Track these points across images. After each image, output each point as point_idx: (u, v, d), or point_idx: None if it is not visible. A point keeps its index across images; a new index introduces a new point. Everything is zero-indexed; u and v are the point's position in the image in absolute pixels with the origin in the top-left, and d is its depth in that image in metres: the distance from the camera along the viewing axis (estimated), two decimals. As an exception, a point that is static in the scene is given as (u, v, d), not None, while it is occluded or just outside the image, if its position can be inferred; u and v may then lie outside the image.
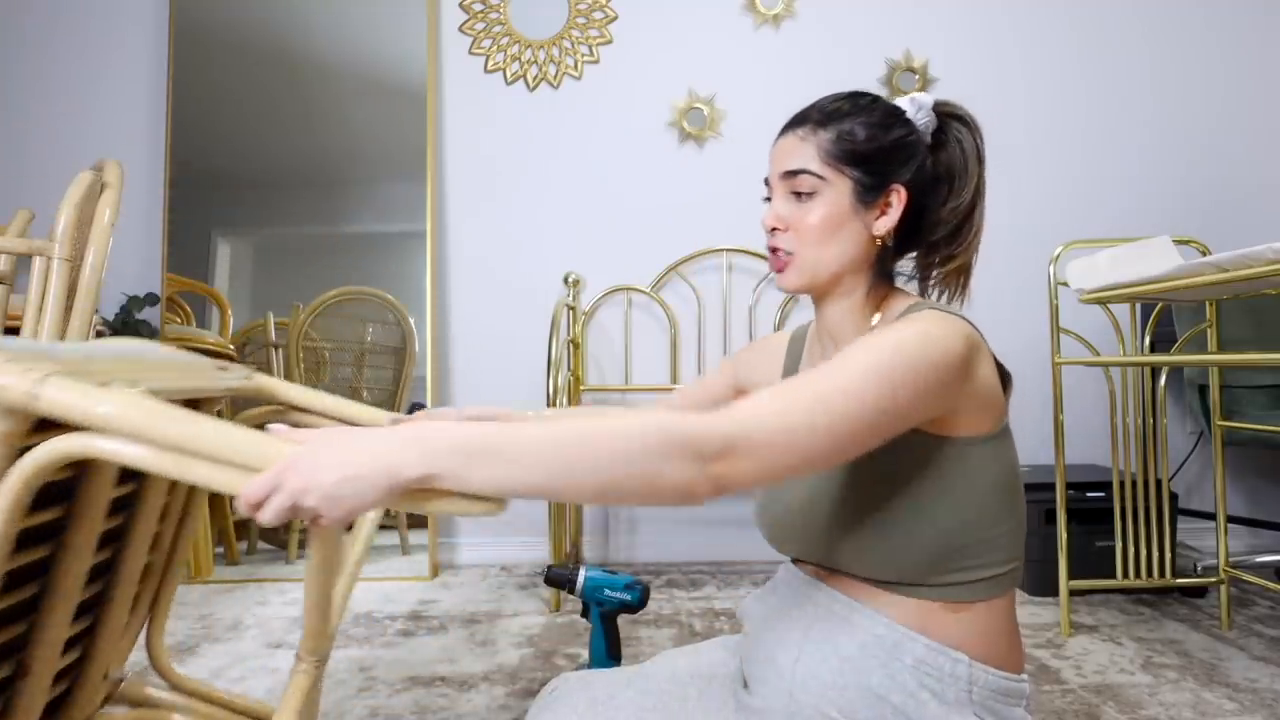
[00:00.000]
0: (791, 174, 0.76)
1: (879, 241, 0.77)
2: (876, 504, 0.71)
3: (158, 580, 0.91)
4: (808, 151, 0.76)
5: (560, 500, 0.56)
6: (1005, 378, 0.75)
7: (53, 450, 0.53)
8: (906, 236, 0.79)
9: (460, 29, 2.51)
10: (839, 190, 0.76)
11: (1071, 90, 2.48)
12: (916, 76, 2.46)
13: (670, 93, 2.50)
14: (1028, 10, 2.48)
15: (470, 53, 2.51)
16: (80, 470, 0.66)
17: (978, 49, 2.48)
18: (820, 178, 0.76)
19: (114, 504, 0.74)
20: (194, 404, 0.82)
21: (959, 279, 0.82)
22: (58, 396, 0.51)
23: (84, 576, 0.70)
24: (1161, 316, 1.91)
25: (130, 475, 0.75)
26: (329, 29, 2.47)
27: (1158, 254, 1.53)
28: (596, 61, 2.51)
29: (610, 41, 2.51)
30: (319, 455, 0.52)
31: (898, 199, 0.77)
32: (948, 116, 0.80)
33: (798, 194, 0.76)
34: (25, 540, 0.63)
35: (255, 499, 0.51)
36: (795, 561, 0.82)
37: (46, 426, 0.53)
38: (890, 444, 0.69)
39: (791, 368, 0.90)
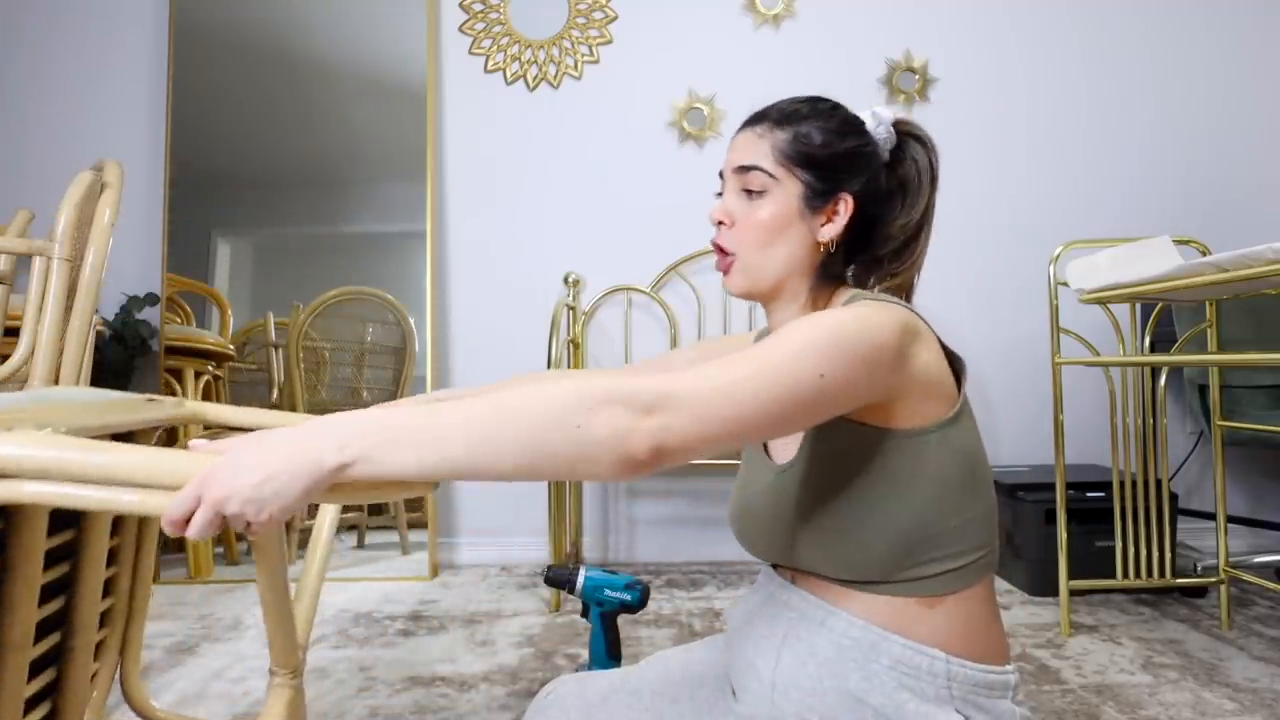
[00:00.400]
0: (744, 169, 0.77)
1: (822, 248, 0.77)
2: (831, 503, 0.70)
3: (123, 623, 0.90)
4: (762, 149, 0.76)
5: (485, 477, 0.53)
6: (958, 364, 0.74)
7: None
8: (853, 247, 0.80)
9: (460, 29, 2.51)
10: (788, 192, 0.76)
11: (1072, 90, 2.48)
12: (916, 76, 2.46)
13: (670, 93, 2.50)
14: (1028, 10, 2.48)
15: (470, 53, 2.51)
16: (6, 521, 0.64)
17: (978, 49, 2.48)
18: (772, 176, 0.76)
19: (57, 553, 0.73)
20: (126, 439, 0.81)
21: (901, 296, 0.82)
22: None
23: (31, 630, 0.68)
24: (1161, 316, 1.91)
25: (68, 522, 0.74)
26: (329, 29, 2.47)
27: (1158, 254, 1.53)
28: (596, 61, 2.51)
29: (610, 41, 2.51)
30: (236, 461, 0.51)
31: (845, 207, 0.77)
32: (906, 135, 0.82)
33: (749, 191, 0.77)
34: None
35: (178, 516, 0.50)
36: (775, 566, 0.82)
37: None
38: (838, 440, 0.70)
39: None
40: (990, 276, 2.44)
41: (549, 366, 1.98)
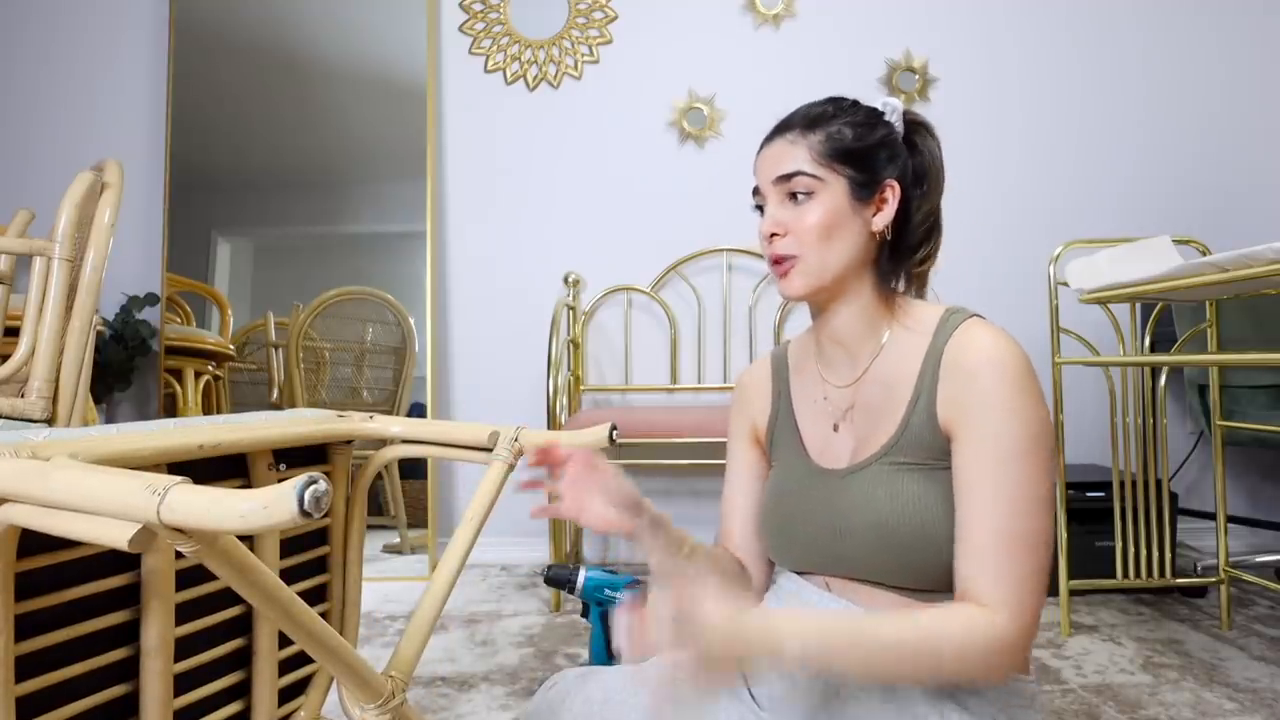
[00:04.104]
0: (785, 177, 0.76)
1: (877, 238, 0.78)
2: (915, 510, 0.70)
3: (338, 626, 0.99)
4: (799, 154, 0.76)
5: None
6: None
7: None
8: (897, 236, 0.80)
9: (460, 29, 2.51)
10: (835, 189, 0.76)
11: (1072, 89, 2.47)
12: (916, 76, 2.46)
13: (670, 93, 2.49)
14: (1028, 10, 2.48)
15: (470, 53, 2.51)
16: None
17: (978, 49, 2.48)
18: (815, 178, 0.75)
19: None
20: (320, 450, 0.91)
21: (919, 288, 0.84)
22: None
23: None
24: (1161, 316, 1.91)
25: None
26: (329, 29, 2.47)
27: (1158, 254, 1.53)
28: (596, 61, 2.51)
29: (610, 41, 2.51)
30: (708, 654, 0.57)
31: (893, 194, 0.78)
32: (914, 124, 0.83)
33: (793, 196, 0.76)
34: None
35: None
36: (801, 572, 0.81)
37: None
38: (934, 449, 0.71)
39: (782, 389, 0.88)
40: (990, 276, 2.44)
41: (549, 366, 1.98)
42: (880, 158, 0.78)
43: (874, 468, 0.74)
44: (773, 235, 0.77)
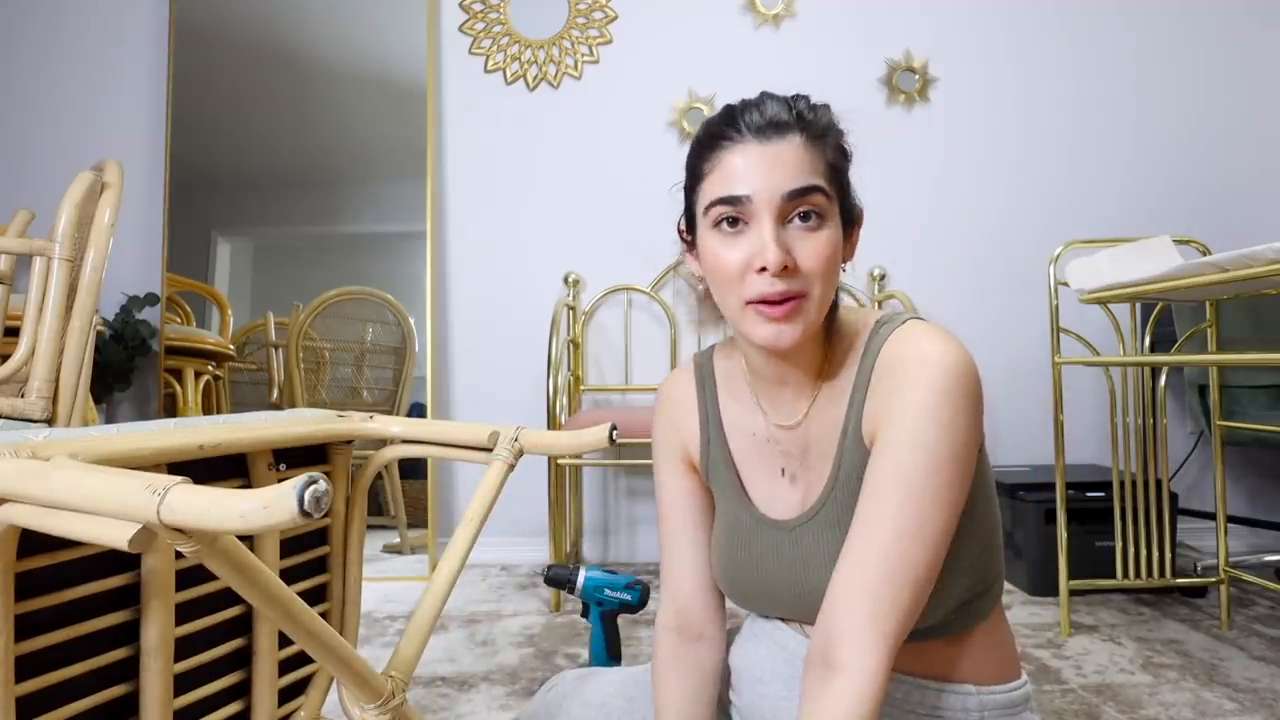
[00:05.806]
0: (801, 193, 0.61)
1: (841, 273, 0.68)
2: None
3: (338, 626, 0.98)
4: (815, 164, 0.62)
5: None
6: None
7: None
8: None
9: (460, 29, 2.51)
10: (835, 217, 0.64)
11: (1073, 89, 2.47)
12: (916, 76, 2.46)
13: (670, 93, 2.49)
14: (1028, 10, 2.48)
15: (470, 53, 2.51)
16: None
17: (978, 49, 2.48)
18: (830, 199, 0.62)
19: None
20: (320, 450, 0.90)
21: None
22: None
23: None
24: (1161, 316, 1.91)
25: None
26: (329, 29, 2.47)
27: (1158, 254, 1.53)
28: (596, 61, 2.51)
29: (610, 41, 2.51)
30: None
31: (857, 228, 0.69)
32: None
33: (805, 217, 0.62)
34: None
35: None
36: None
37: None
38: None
39: (710, 412, 0.77)
40: (990, 276, 2.44)
41: (549, 366, 1.98)
42: (850, 185, 0.67)
43: (821, 516, 0.67)
44: (784, 268, 0.60)
